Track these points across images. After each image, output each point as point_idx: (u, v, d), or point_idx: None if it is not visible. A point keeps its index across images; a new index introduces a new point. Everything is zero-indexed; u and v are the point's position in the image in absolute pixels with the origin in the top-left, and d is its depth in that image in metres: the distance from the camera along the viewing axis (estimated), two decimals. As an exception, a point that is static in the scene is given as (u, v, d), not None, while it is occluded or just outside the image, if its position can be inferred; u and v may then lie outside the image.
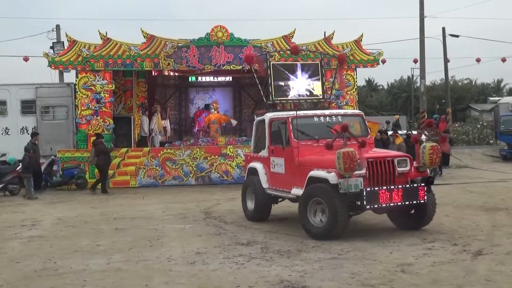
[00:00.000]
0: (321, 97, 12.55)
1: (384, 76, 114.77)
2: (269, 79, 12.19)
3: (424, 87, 34.02)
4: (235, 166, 19.68)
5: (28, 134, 19.87)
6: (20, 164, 18.17)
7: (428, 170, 10.17)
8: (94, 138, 18.50)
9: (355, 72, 21.08)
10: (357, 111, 12.03)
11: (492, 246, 8.83)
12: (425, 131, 11.52)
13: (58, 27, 34.01)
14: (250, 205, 12.10)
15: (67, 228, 11.60)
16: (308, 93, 12.42)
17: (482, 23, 76.21)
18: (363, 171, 9.45)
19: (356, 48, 20.81)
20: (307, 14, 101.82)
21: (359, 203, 9.42)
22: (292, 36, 20.61)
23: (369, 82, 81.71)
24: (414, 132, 23.02)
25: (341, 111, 11.73)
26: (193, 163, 19.54)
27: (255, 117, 12.77)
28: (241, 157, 19.57)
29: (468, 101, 61.31)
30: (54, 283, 7.43)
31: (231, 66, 20.12)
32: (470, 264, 7.79)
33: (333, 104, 20.03)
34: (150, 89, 23.06)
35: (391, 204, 9.45)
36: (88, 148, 19.00)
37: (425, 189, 9.76)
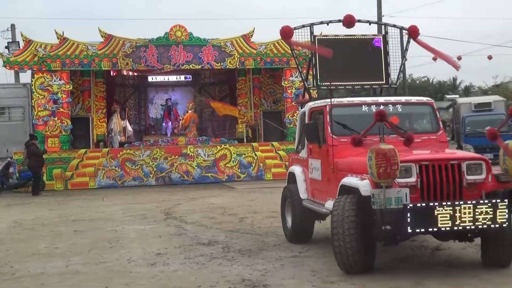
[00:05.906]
0: (384, 82, 9.66)
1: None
2: (313, 58, 9.38)
3: (382, 86, 34.46)
4: (196, 166, 19.61)
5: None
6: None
7: None
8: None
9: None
10: (425, 99, 8.87)
11: (450, 241, 8.96)
12: None
13: (13, 26, 33.49)
14: (289, 221, 9.38)
15: (24, 231, 11.38)
16: (367, 76, 9.58)
17: (438, 22, 77.70)
18: (413, 179, 6.76)
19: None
20: (263, 14, 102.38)
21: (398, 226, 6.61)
22: (252, 36, 20.66)
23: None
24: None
25: (402, 98, 8.69)
26: (153, 164, 19.41)
27: (300, 107, 10.30)
28: (202, 157, 19.57)
29: (425, 99, 62.25)
30: (11, 287, 7.28)
31: (191, 66, 20.08)
32: (428, 260, 7.90)
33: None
34: (108, 89, 22.82)
35: (454, 228, 6.57)
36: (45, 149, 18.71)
37: (508, 207, 6.66)
